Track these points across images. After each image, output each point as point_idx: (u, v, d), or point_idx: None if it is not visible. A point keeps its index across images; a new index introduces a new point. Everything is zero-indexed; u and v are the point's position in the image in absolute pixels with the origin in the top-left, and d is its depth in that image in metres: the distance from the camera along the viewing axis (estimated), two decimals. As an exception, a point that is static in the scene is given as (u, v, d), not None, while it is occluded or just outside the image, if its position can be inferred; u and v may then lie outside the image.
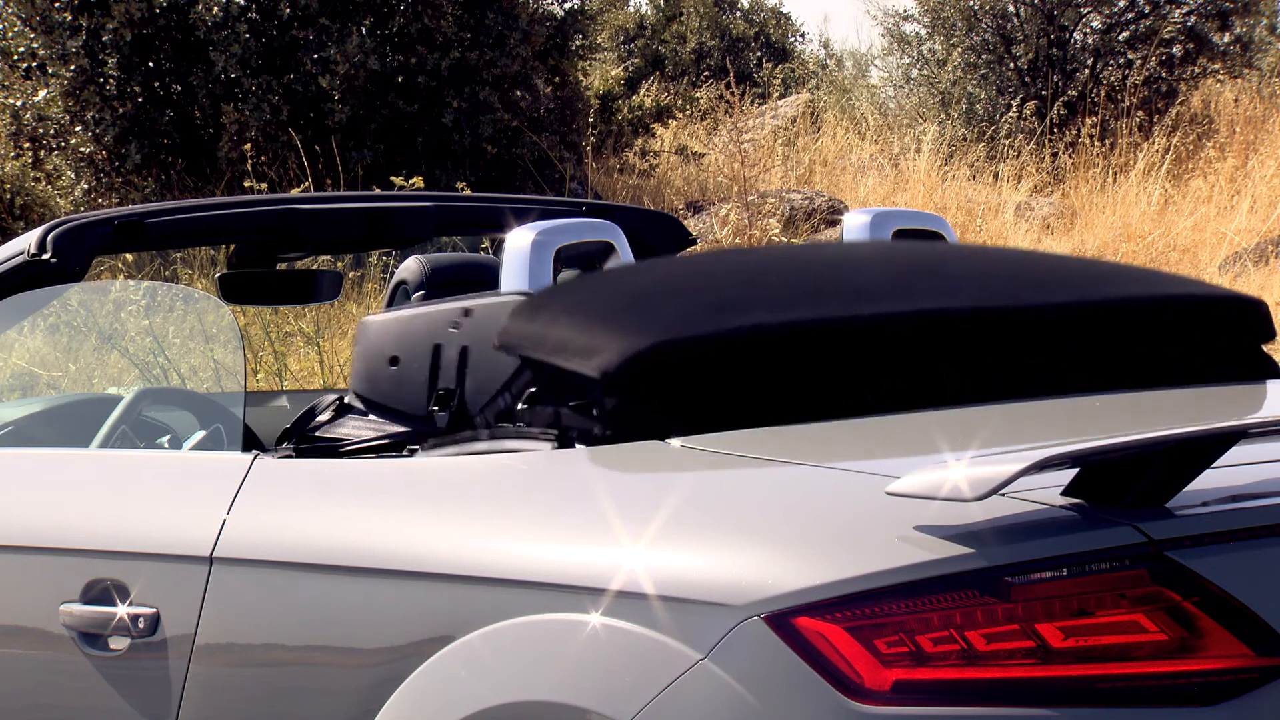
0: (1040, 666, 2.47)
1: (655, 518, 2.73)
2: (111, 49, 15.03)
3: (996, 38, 18.11)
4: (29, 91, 15.60)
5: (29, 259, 3.89)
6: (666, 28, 26.84)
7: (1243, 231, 13.26)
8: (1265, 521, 2.57)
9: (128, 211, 4.16)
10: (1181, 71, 17.66)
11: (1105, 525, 2.52)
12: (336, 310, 11.70)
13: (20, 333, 9.82)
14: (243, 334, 6.62)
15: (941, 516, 2.54)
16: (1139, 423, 3.14)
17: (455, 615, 2.84)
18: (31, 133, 15.63)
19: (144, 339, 9.88)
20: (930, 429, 3.08)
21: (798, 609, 2.52)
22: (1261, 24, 19.23)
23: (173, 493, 3.38)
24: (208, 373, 9.59)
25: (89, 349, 10.33)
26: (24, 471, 3.69)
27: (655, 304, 3.33)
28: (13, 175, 14.32)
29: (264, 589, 3.11)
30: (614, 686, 2.63)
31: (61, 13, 15.16)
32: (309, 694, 3.04)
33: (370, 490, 3.12)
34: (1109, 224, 14.11)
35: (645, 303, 3.34)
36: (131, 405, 4.25)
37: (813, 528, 2.65)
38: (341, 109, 14.83)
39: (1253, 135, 15.76)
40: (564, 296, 3.36)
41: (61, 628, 3.34)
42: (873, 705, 2.48)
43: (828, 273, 3.62)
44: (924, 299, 3.42)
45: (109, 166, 15.57)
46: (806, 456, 2.96)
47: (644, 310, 3.29)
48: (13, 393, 9.44)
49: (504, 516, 2.93)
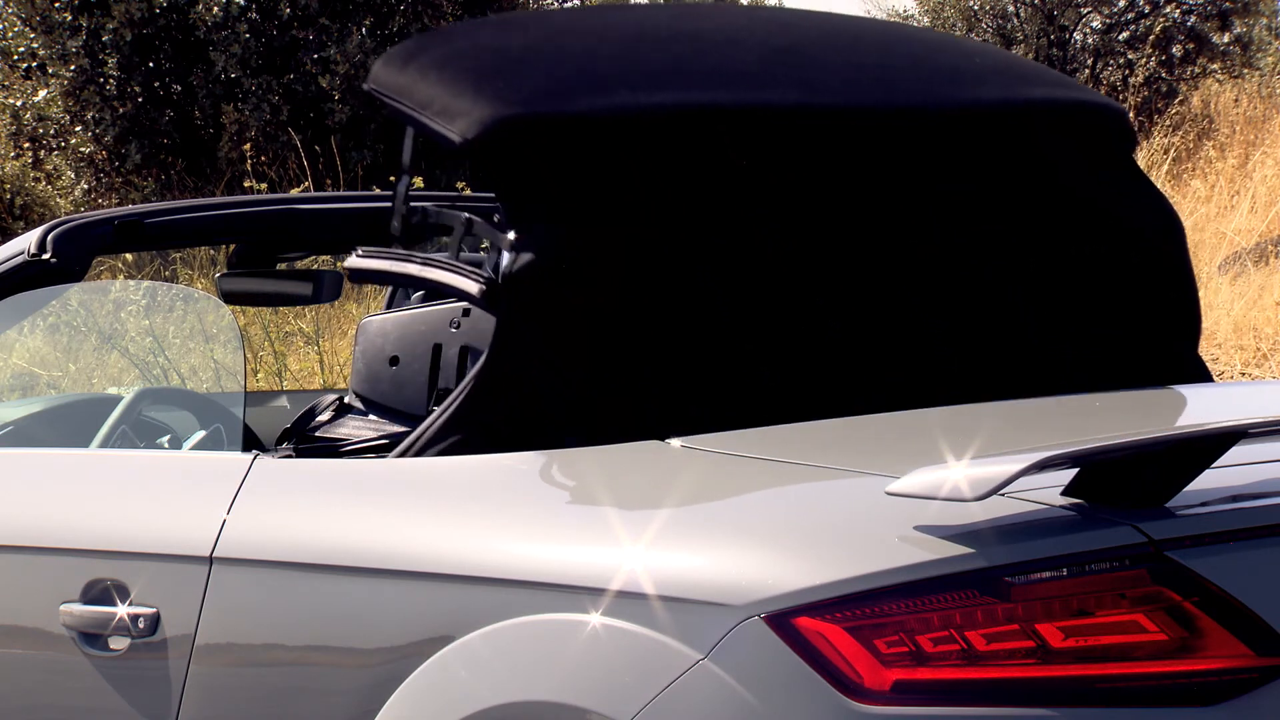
0: (1040, 666, 2.47)
1: (655, 518, 2.73)
2: (111, 49, 15.03)
3: (996, 38, 18.12)
4: (29, 91, 15.60)
5: (29, 259, 3.88)
6: (666, 28, 26.82)
7: (1242, 231, 13.25)
8: (1265, 521, 2.57)
9: (128, 211, 4.16)
10: (1181, 71, 17.66)
11: (1105, 525, 2.52)
12: (336, 310, 11.70)
13: (20, 333, 9.82)
14: (243, 334, 6.62)
15: (941, 516, 2.54)
16: (1138, 423, 3.14)
17: (455, 615, 2.84)
18: (31, 133, 15.63)
19: (144, 339, 9.88)
20: (930, 428, 3.08)
21: (798, 609, 2.52)
22: (1261, 24, 19.22)
23: (173, 493, 3.38)
24: (208, 373, 9.59)
25: (89, 349, 10.33)
26: (24, 471, 3.69)
27: (525, 71, 3.33)
28: (13, 175, 14.33)
29: (264, 589, 3.11)
30: (614, 686, 2.63)
31: (61, 13, 15.16)
32: (309, 694, 3.04)
33: (370, 490, 3.12)
34: (1109, 224, 14.08)
35: (515, 68, 3.33)
36: (131, 405, 4.25)
37: (812, 528, 2.65)
38: (341, 109, 14.83)
39: (1253, 135, 15.75)
40: (438, 48, 3.36)
41: (61, 628, 3.34)
42: (873, 705, 2.48)
43: (701, 47, 3.59)
44: (788, 89, 3.42)
45: (109, 166, 15.57)
46: (806, 456, 2.96)
47: (513, 76, 3.29)
48: (13, 393, 9.44)
49: (504, 516, 2.93)
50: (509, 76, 3.31)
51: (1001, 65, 3.79)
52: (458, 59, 3.35)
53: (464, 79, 3.28)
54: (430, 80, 3.29)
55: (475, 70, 3.30)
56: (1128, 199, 3.57)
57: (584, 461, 3.00)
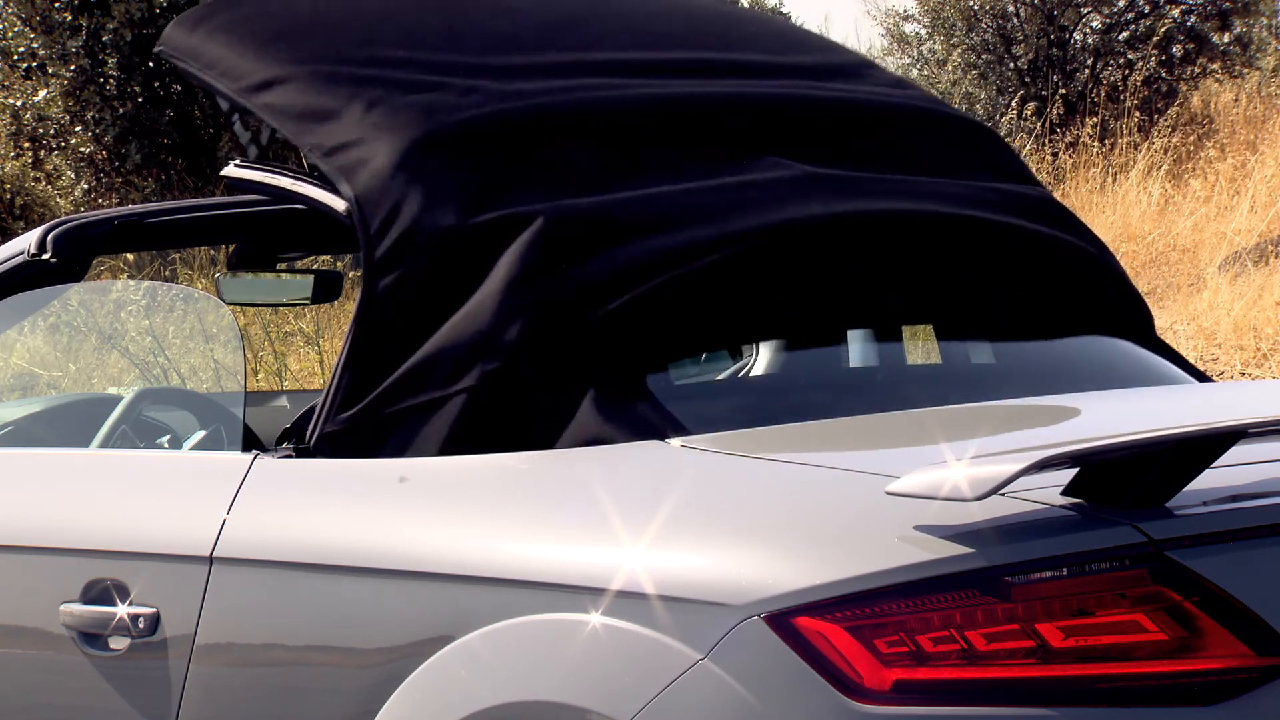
0: (1040, 666, 2.47)
1: (655, 517, 2.73)
2: (111, 49, 15.03)
3: (996, 38, 18.12)
4: (29, 91, 15.60)
5: (29, 259, 3.88)
6: (666, 28, 26.81)
7: (1242, 231, 13.25)
8: (1265, 521, 2.57)
9: (128, 211, 4.16)
10: (1181, 71, 17.66)
11: (1105, 525, 2.52)
12: (336, 310, 11.70)
13: (20, 333, 9.82)
14: (243, 334, 6.62)
15: (941, 516, 2.54)
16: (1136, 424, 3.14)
17: (455, 615, 2.84)
18: (31, 133, 15.63)
19: (144, 339, 9.88)
20: (930, 428, 3.08)
21: (798, 609, 2.52)
22: (1261, 24, 19.22)
23: (173, 493, 3.38)
24: (208, 373, 9.59)
25: (89, 349, 10.34)
26: (24, 471, 3.69)
27: (306, 36, 3.57)
28: (13, 175, 14.33)
29: (264, 589, 3.11)
30: (614, 686, 2.63)
31: (61, 13, 15.17)
32: (309, 694, 3.04)
33: (370, 490, 3.12)
34: (1109, 224, 14.10)
35: (296, 36, 3.56)
36: (131, 405, 4.25)
37: (812, 527, 2.65)
38: (341, 109, 14.80)
39: (1253, 135, 15.75)
40: (226, 13, 3.57)
41: (61, 628, 3.34)
42: (873, 705, 2.48)
43: (480, 14, 3.74)
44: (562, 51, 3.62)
45: (109, 166, 15.57)
46: (806, 456, 2.96)
47: (291, 43, 3.53)
48: (13, 393, 9.45)
49: (504, 516, 2.93)
50: (291, 40, 3.53)
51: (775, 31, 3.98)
52: (243, 24, 3.56)
53: (247, 42, 3.50)
54: (217, 43, 3.52)
55: (258, 35, 3.54)
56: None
57: (584, 461, 3.00)
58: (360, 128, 3.32)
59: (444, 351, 3.15)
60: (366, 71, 3.44)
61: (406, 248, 3.18)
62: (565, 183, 3.31)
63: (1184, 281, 12.44)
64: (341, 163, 3.30)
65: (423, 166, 3.25)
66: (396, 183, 3.22)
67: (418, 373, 3.16)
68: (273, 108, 3.44)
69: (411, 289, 3.19)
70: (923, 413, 3.22)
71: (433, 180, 3.23)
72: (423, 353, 3.17)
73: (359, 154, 3.29)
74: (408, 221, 3.19)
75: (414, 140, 3.27)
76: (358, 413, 3.19)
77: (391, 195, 3.21)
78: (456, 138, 3.31)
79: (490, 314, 3.13)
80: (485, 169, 3.28)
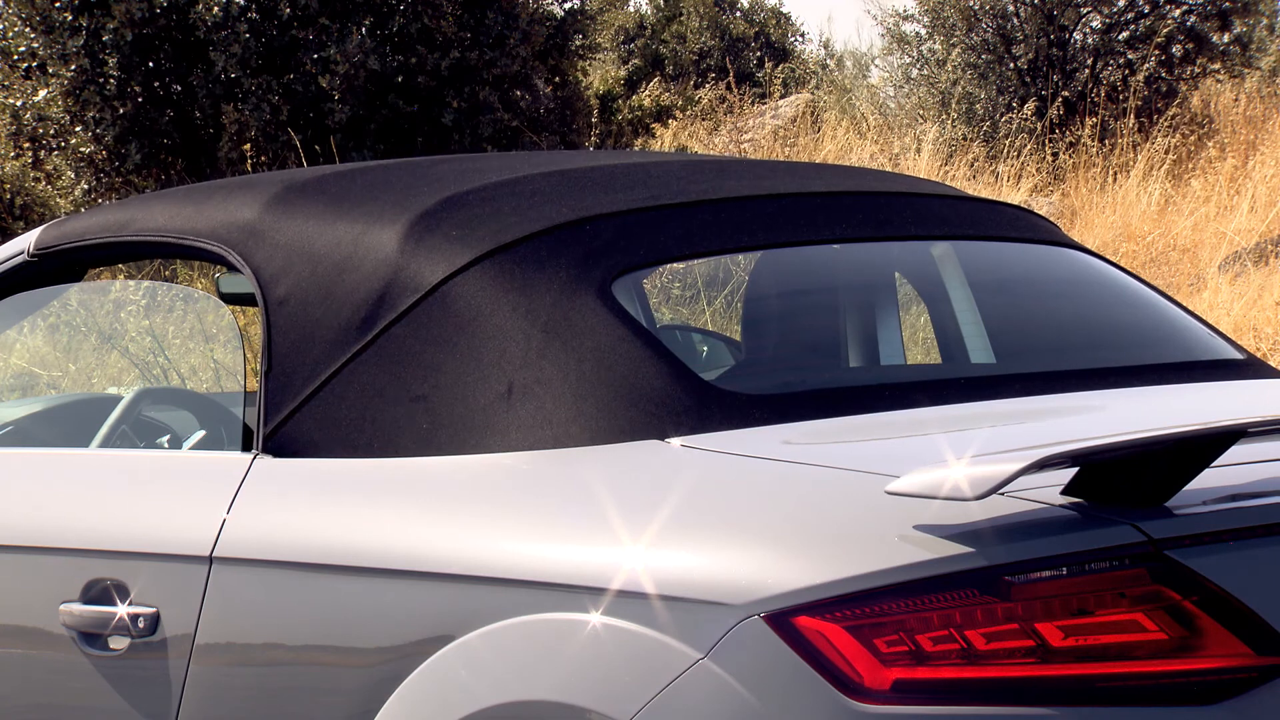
0: (1040, 666, 2.47)
1: (655, 517, 2.73)
2: (111, 49, 15.02)
3: (996, 38, 18.12)
4: (29, 91, 15.59)
5: (29, 259, 3.88)
6: (666, 28, 26.84)
7: (1242, 231, 13.25)
8: (1265, 521, 2.57)
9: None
10: (1181, 71, 17.66)
11: (1105, 524, 2.52)
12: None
13: (20, 333, 9.82)
14: (243, 334, 6.62)
15: (941, 516, 2.54)
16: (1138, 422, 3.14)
17: (455, 615, 2.84)
18: (31, 133, 15.62)
19: (144, 339, 9.88)
20: (929, 427, 3.08)
21: (797, 608, 2.52)
22: (1261, 24, 19.22)
23: (173, 493, 3.38)
24: (208, 373, 9.59)
25: (89, 349, 10.34)
26: (24, 471, 3.69)
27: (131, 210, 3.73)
28: (13, 175, 14.33)
29: (263, 589, 3.11)
30: (614, 686, 2.63)
31: (61, 13, 15.15)
32: (309, 694, 3.04)
33: (370, 490, 3.12)
34: (1109, 224, 14.10)
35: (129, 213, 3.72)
36: (131, 405, 4.25)
37: (812, 527, 2.65)
38: (341, 109, 14.82)
39: (1253, 135, 15.75)
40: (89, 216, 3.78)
41: (61, 628, 3.34)
42: (872, 704, 2.48)
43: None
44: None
45: (109, 166, 15.57)
46: (806, 456, 2.96)
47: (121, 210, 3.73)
48: (13, 393, 9.45)
49: (504, 516, 2.93)
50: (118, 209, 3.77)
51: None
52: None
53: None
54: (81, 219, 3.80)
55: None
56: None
57: (584, 461, 3.00)
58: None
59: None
60: None
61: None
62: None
63: (1184, 281, 12.43)
64: None
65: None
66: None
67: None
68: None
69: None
70: (923, 413, 3.22)
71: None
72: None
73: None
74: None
75: None
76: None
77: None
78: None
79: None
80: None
